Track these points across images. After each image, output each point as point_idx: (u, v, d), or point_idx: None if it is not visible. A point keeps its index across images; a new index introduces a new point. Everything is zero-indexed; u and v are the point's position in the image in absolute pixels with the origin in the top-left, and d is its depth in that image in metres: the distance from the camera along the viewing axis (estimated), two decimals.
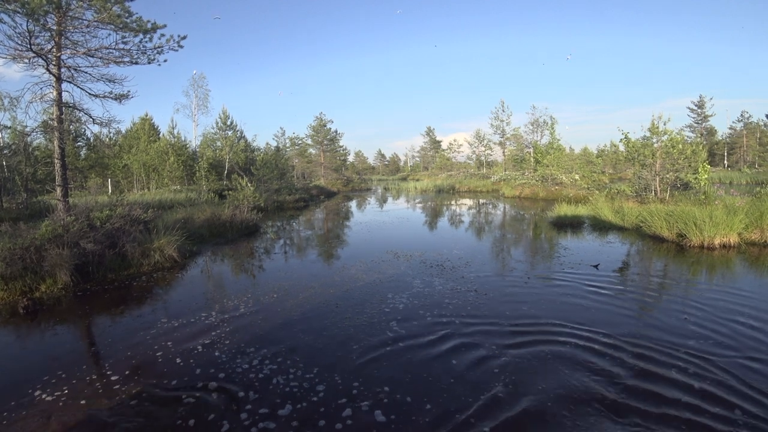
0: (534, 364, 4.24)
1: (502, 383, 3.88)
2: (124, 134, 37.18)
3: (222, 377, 4.18)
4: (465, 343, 4.78)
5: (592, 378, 3.93)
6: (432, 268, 8.41)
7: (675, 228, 10.68)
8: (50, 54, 9.12)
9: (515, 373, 4.06)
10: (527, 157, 37.08)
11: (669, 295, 6.44)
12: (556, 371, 4.09)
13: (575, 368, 4.13)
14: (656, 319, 5.39)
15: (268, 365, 4.38)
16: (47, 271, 7.84)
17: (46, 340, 5.41)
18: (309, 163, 49.73)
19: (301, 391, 3.85)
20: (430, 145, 75.67)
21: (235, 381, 4.09)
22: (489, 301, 6.27)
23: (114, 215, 9.44)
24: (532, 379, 3.93)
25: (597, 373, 4.01)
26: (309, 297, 6.68)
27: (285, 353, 4.65)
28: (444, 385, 3.89)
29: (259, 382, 4.04)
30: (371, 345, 4.76)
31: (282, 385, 3.97)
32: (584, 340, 4.77)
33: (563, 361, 4.29)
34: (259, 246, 11.97)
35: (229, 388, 3.95)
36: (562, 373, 4.05)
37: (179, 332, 5.45)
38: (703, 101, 56.61)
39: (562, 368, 4.14)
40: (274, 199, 22.99)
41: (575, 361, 4.29)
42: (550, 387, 3.79)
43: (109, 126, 10.80)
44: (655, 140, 16.88)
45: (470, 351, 4.55)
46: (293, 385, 3.94)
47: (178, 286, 7.97)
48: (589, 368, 4.12)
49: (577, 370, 4.08)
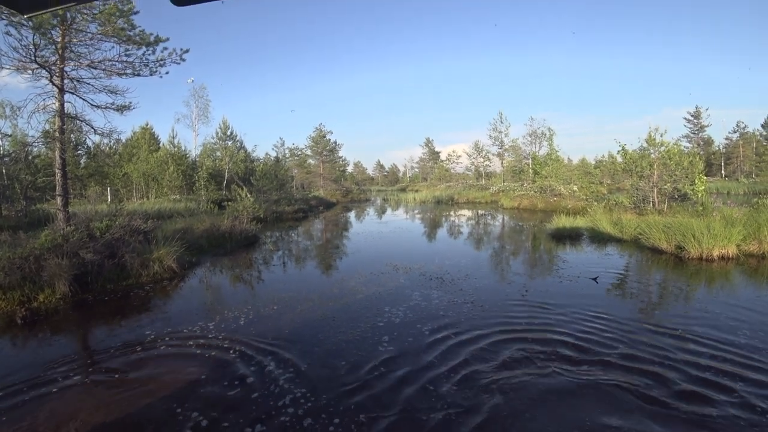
0: (527, 384, 4.23)
1: (491, 404, 3.87)
2: (125, 143, 37.31)
3: (211, 392, 4.15)
4: (454, 362, 4.73)
5: (595, 398, 3.92)
6: (431, 280, 8.40)
7: (673, 240, 10.71)
8: (54, 66, 9.22)
9: (506, 392, 4.05)
10: (526, 169, 37.28)
11: (668, 310, 6.44)
12: (550, 393, 4.07)
13: (571, 391, 4.12)
14: (655, 333, 5.39)
15: (258, 381, 4.35)
16: (46, 281, 7.82)
17: (42, 351, 5.38)
18: (308, 173, 49.86)
19: (277, 412, 3.77)
20: (429, 156, 75.96)
21: (223, 398, 4.06)
22: (485, 315, 6.23)
23: (114, 225, 9.46)
24: (525, 405, 3.91)
25: (600, 392, 4.01)
26: (307, 310, 6.66)
27: (280, 369, 4.62)
28: (423, 406, 3.86)
29: (242, 401, 3.96)
30: (359, 362, 4.68)
31: (261, 403, 3.92)
32: (581, 354, 4.76)
33: (556, 378, 4.29)
34: (258, 257, 11.97)
35: (214, 409, 3.92)
36: (556, 396, 4.04)
37: (176, 344, 5.43)
38: (699, 112, 57.03)
39: (555, 389, 4.13)
40: (274, 209, 23.01)
41: (570, 379, 4.28)
42: (542, 417, 3.77)
43: (110, 137, 10.89)
44: (652, 151, 17.02)
45: (459, 370, 4.45)
46: (271, 405, 3.88)
47: (177, 297, 7.96)
48: (587, 388, 4.12)
49: (573, 393, 4.07)
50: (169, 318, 6.60)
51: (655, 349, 4.82)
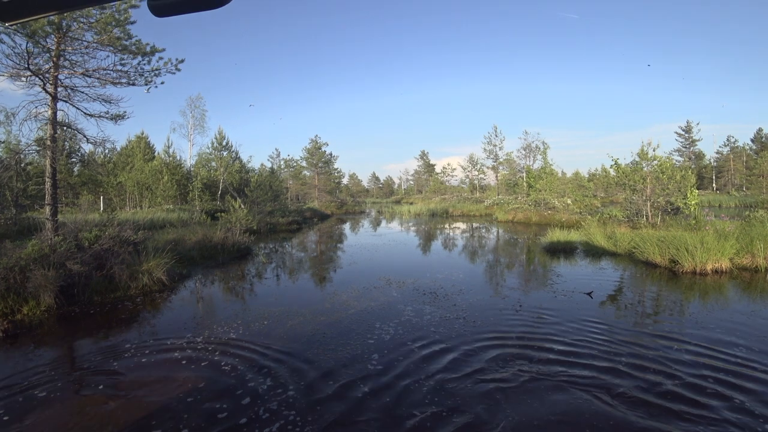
0: (522, 403, 4.13)
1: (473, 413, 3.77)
2: (119, 152, 37.13)
3: (196, 411, 4.02)
4: (446, 385, 4.64)
5: (586, 414, 3.83)
6: (424, 295, 8.28)
7: (667, 254, 10.71)
8: (47, 73, 9.15)
9: (496, 413, 3.95)
10: (520, 182, 37.44)
11: (663, 324, 6.38)
12: (548, 414, 3.98)
13: (567, 412, 4.03)
14: (650, 348, 5.31)
15: (245, 403, 4.23)
16: (30, 292, 7.64)
17: (23, 366, 5.21)
18: (303, 185, 49.81)
19: None
20: (424, 168, 76.33)
21: (209, 418, 3.93)
22: (476, 331, 6.10)
23: (103, 236, 9.30)
24: (519, 426, 3.81)
25: (591, 407, 3.92)
26: (298, 325, 6.52)
27: (268, 391, 4.49)
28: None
29: (229, 424, 3.83)
30: (348, 383, 4.54)
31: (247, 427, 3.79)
32: (573, 373, 4.67)
33: (547, 393, 4.20)
34: (250, 269, 11.82)
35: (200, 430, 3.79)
36: (546, 406, 3.94)
37: (162, 359, 5.29)
38: (690, 126, 58.08)
39: (550, 409, 4.03)
40: (268, 221, 22.86)
41: (564, 395, 4.19)
42: None
43: (103, 145, 10.78)
44: (645, 165, 17.14)
45: (444, 391, 4.34)
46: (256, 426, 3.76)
47: (166, 310, 7.79)
48: (581, 404, 4.03)
49: (568, 414, 3.98)
50: (156, 332, 6.45)
51: (650, 364, 4.74)
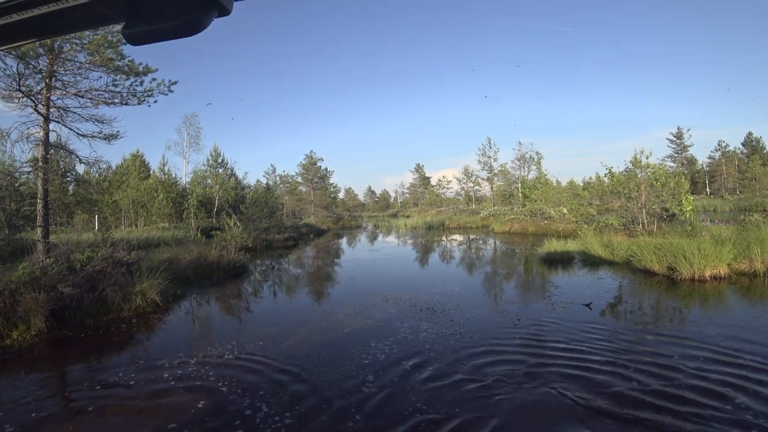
0: (516, 419, 4.04)
1: None
2: (115, 170, 37.04)
3: None
4: (439, 407, 4.53)
5: None
6: (422, 311, 8.14)
7: (665, 261, 10.68)
8: (39, 94, 9.13)
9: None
10: (515, 193, 37.57)
11: (665, 334, 6.30)
12: None
13: (569, 420, 3.93)
14: (654, 359, 5.23)
15: (237, 429, 4.11)
16: (20, 316, 7.49)
17: (10, 394, 5.06)
18: (299, 200, 49.76)
19: None
20: (419, 181, 76.55)
21: None
22: (473, 347, 5.99)
23: (96, 257, 9.18)
24: None
25: (598, 424, 3.82)
26: (293, 346, 6.38)
27: (260, 418, 4.38)
28: None
29: None
30: (342, 408, 4.41)
31: None
32: (573, 388, 4.58)
33: (549, 411, 4.10)
34: (246, 288, 11.68)
35: None
36: None
37: (153, 384, 5.15)
38: (681, 132, 58.58)
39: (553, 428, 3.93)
40: (263, 238, 22.72)
41: (566, 412, 4.09)
42: None
43: (95, 166, 10.73)
44: (639, 173, 17.23)
45: (440, 414, 4.26)
46: None
47: (159, 332, 7.66)
48: (586, 420, 3.93)
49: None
50: (149, 355, 6.30)
51: (655, 379, 4.66)
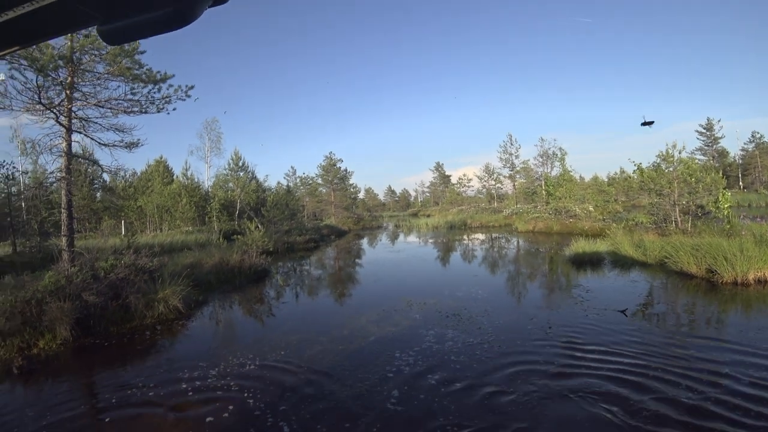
0: None
1: None
2: (139, 176, 37.93)
3: None
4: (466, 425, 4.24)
5: None
6: (448, 318, 7.84)
7: (703, 263, 10.08)
8: (60, 106, 9.24)
9: None
10: (538, 190, 36.72)
11: (708, 343, 5.84)
12: None
13: None
14: (697, 373, 4.82)
15: None
16: (47, 325, 7.56)
17: (37, 404, 5.03)
18: (319, 202, 49.92)
19: None
20: (439, 180, 75.87)
21: None
22: (503, 359, 5.67)
23: (119, 264, 9.23)
24: None
25: None
26: (316, 356, 6.20)
27: None
28: None
29: None
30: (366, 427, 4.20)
31: None
32: (616, 404, 4.23)
33: None
34: (267, 293, 11.61)
35: None
36: None
37: (175, 396, 5.05)
38: (711, 123, 55.68)
39: None
40: (285, 240, 22.76)
41: None
42: None
43: (118, 174, 10.85)
44: (669, 167, 16.47)
45: None
46: None
47: (182, 340, 7.62)
48: None
49: None
50: (171, 364, 6.24)
51: (702, 393, 4.27)
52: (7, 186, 19.27)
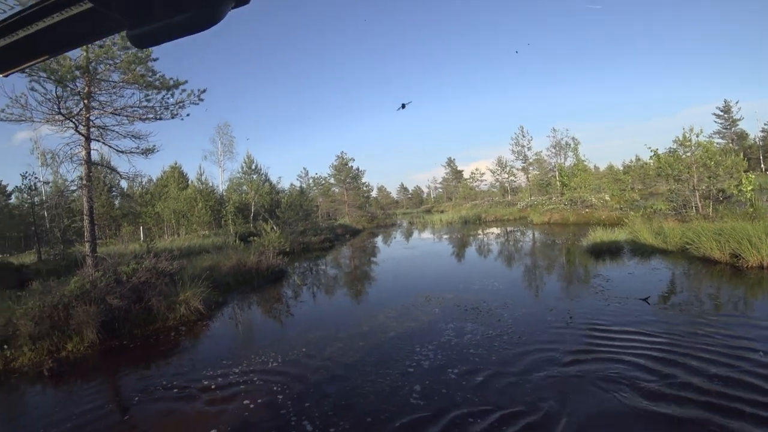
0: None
1: None
2: (155, 183, 38.61)
3: None
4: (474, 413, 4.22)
5: None
6: (467, 311, 7.80)
7: (727, 248, 9.85)
8: (79, 115, 9.47)
9: None
10: (553, 181, 36.28)
11: (739, 331, 5.70)
12: None
13: None
14: (727, 359, 4.72)
15: None
16: (74, 329, 7.77)
17: (66, 406, 5.18)
18: (333, 202, 50.10)
19: None
20: (451, 175, 75.46)
21: None
22: (524, 350, 5.62)
23: (140, 268, 9.43)
24: None
25: None
26: (336, 353, 6.24)
27: None
28: None
29: None
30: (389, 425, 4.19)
31: None
32: (644, 395, 4.16)
33: None
34: (285, 293, 11.72)
35: None
36: None
37: (201, 394, 5.15)
38: (729, 106, 53.91)
39: None
40: (300, 240, 22.92)
41: None
42: None
43: (136, 180, 11.08)
44: (686, 152, 16.09)
45: None
46: None
47: (204, 340, 7.75)
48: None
49: None
50: (195, 363, 6.36)
51: (733, 380, 4.18)
52: (30, 196, 19.80)
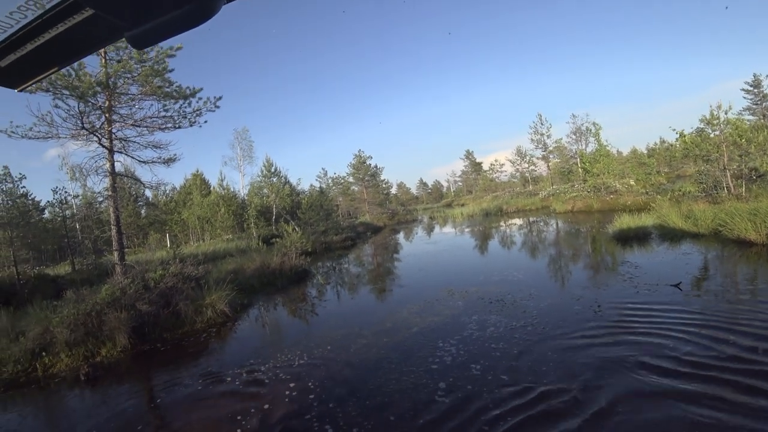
0: None
1: None
2: (179, 190, 39.54)
3: None
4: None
5: None
6: (491, 303, 7.72)
7: (764, 228, 9.43)
8: (101, 129, 9.75)
9: None
10: (574, 169, 35.48)
11: None
12: None
13: None
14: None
15: None
16: (107, 334, 8.03)
17: (103, 408, 5.35)
18: (353, 200, 50.29)
19: None
20: (470, 168, 74.69)
21: None
22: (552, 343, 5.49)
23: (167, 274, 9.66)
24: None
25: None
26: (361, 349, 6.27)
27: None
28: None
29: None
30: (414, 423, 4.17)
31: None
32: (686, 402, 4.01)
33: None
34: (309, 292, 11.82)
35: None
36: None
37: (230, 394, 5.24)
38: (759, 80, 51.27)
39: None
40: (322, 240, 23.10)
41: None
42: None
43: (159, 189, 11.36)
44: (713, 131, 15.47)
45: None
46: None
47: (231, 342, 7.89)
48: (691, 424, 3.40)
49: None
50: (223, 364, 6.48)
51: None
52: (62, 210, 20.58)
